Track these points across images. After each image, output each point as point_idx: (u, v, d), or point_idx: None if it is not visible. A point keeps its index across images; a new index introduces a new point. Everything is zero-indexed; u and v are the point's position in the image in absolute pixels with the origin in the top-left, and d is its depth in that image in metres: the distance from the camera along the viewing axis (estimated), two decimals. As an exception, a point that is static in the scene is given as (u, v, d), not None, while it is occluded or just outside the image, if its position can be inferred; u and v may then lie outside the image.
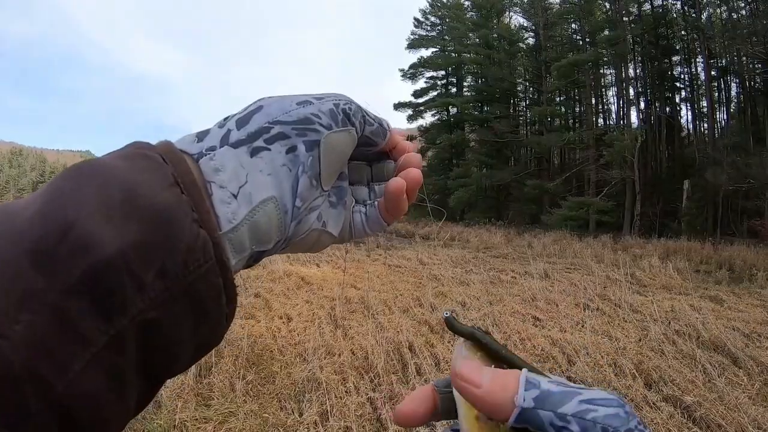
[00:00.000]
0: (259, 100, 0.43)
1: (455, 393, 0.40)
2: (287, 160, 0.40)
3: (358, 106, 0.46)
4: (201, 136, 0.39)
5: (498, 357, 0.41)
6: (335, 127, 0.43)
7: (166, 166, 0.34)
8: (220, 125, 0.40)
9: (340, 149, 0.44)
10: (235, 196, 0.36)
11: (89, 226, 0.28)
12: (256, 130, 0.39)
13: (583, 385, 0.36)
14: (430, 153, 44.52)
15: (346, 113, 0.44)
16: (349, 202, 0.52)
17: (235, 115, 0.41)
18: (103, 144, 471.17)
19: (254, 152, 0.39)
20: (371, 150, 0.52)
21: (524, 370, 0.37)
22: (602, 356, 5.65)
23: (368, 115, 0.48)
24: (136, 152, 0.34)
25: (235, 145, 0.38)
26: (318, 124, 0.42)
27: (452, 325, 0.44)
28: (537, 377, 0.36)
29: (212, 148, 0.37)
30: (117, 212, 0.29)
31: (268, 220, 0.39)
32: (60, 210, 0.28)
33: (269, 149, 0.39)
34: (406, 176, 0.51)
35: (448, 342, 6.26)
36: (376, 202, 0.53)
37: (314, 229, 0.46)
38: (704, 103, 29.04)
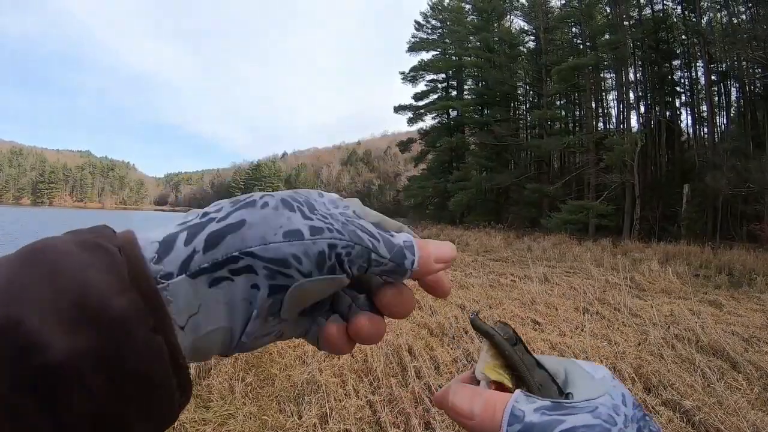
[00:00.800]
0: (246, 206, 0.38)
1: (481, 389, 0.41)
2: (249, 295, 0.37)
3: (365, 249, 0.39)
4: (162, 251, 0.35)
5: (508, 364, 0.42)
6: (316, 274, 0.38)
7: (123, 265, 0.32)
8: (187, 238, 0.35)
9: (313, 295, 0.39)
10: (183, 328, 0.34)
11: (37, 326, 0.27)
12: (223, 259, 0.35)
13: (577, 399, 0.37)
14: (430, 156, 44.65)
15: (340, 259, 0.38)
16: (318, 323, 0.45)
17: (210, 221, 0.37)
18: (103, 143, 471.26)
19: (214, 282, 0.35)
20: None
21: (513, 396, 0.37)
22: (601, 360, 5.66)
23: (379, 254, 0.40)
24: (96, 242, 0.33)
25: (195, 274, 0.34)
26: (295, 270, 0.37)
27: (475, 324, 0.44)
28: (525, 404, 0.36)
29: (168, 276, 0.34)
30: (67, 315, 0.28)
31: (210, 347, 0.37)
32: (7, 306, 0.28)
33: (232, 280, 0.36)
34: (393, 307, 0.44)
35: (448, 345, 6.27)
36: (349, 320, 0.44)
37: (267, 341, 0.42)
38: (704, 108, 29.05)
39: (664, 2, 29.67)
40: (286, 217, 0.37)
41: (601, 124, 33.82)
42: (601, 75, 32.73)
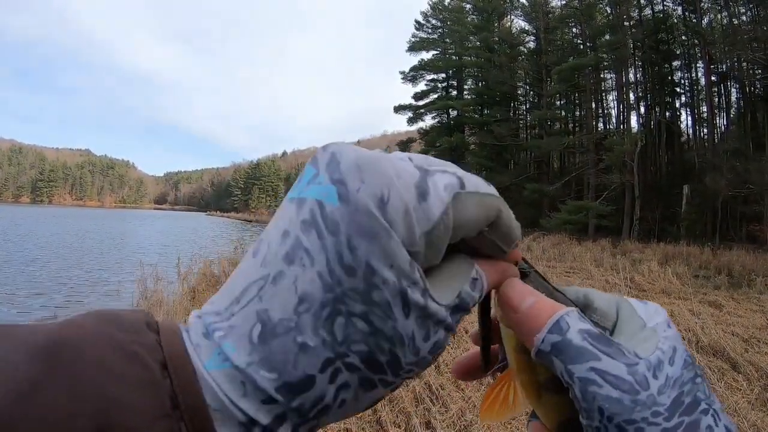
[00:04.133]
0: None
1: (500, 324, 0.41)
2: None
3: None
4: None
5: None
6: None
7: (164, 384, 0.26)
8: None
9: None
10: None
11: None
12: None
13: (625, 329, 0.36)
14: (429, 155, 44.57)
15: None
16: None
17: None
18: (102, 142, 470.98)
19: None
20: None
21: (568, 308, 0.35)
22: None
23: None
24: (135, 351, 0.27)
25: None
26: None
27: None
28: (573, 321, 0.34)
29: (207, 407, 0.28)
30: None
31: None
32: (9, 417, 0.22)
33: None
34: None
35: (448, 345, 6.26)
36: None
37: None
38: (704, 108, 29.10)
39: (665, 3, 29.69)
40: (368, 399, 0.32)
41: (601, 125, 33.87)
42: (602, 75, 32.76)
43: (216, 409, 0.27)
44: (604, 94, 33.96)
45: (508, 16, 40.65)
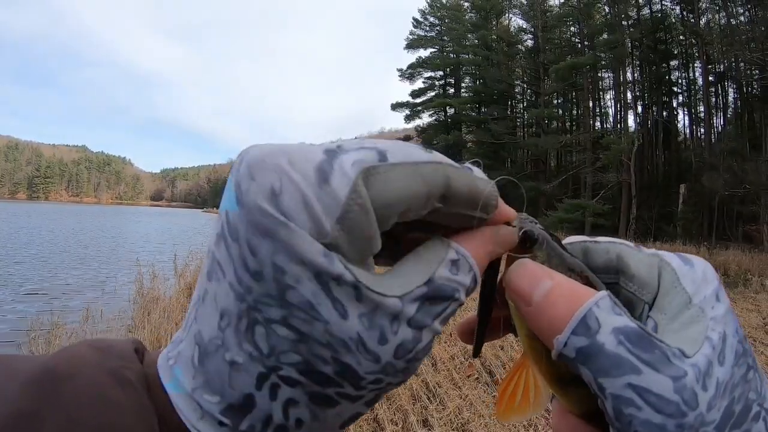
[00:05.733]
0: None
1: (510, 306, 0.34)
2: None
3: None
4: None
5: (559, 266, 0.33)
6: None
7: (151, 408, 0.27)
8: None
9: None
10: None
11: None
12: None
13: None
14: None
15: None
16: None
17: None
18: (99, 138, 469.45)
19: None
20: None
21: (597, 295, 0.28)
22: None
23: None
24: (126, 377, 0.27)
25: None
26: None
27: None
28: (604, 315, 0.28)
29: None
30: None
31: None
32: None
33: None
34: None
35: (445, 342, 6.27)
36: None
37: None
38: (701, 108, 29.17)
39: (663, 2, 29.71)
40: (334, 415, 0.29)
41: (598, 124, 33.99)
42: (599, 74, 32.81)
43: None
44: (601, 93, 34.08)
45: (506, 15, 40.68)
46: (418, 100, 44.18)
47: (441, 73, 44.24)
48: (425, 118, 44.73)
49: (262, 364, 0.26)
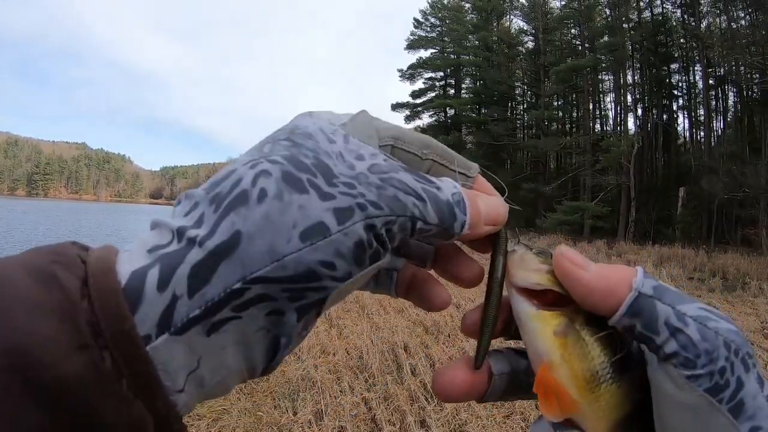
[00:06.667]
0: (235, 207, 0.27)
1: (521, 309, 0.35)
2: (267, 323, 0.28)
3: (408, 219, 0.31)
4: (129, 302, 0.24)
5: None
6: (357, 272, 0.29)
7: (82, 309, 0.23)
8: (160, 280, 0.25)
9: (354, 288, 0.31)
10: (182, 391, 0.26)
11: None
12: (221, 299, 0.26)
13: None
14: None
15: (382, 241, 0.30)
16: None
17: (190, 246, 0.26)
18: (98, 135, 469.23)
19: (214, 329, 0.26)
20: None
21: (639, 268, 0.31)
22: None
23: (426, 221, 0.32)
24: (51, 272, 0.24)
25: (183, 329, 0.25)
26: (328, 278, 0.28)
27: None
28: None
29: (145, 339, 0.24)
30: (2, 383, 0.20)
31: (225, 389, 0.29)
32: None
33: (239, 318, 0.27)
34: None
35: (443, 343, 6.26)
36: (395, 276, 0.41)
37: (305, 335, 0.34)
38: (701, 111, 29.14)
39: (664, 5, 29.69)
40: (297, 207, 0.27)
41: (598, 126, 33.95)
42: (599, 77, 32.79)
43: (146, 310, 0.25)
44: (601, 95, 34.00)
45: (507, 16, 40.64)
46: (419, 101, 44.16)
47: (441, 73, 44.21)
48: (425, 119, 44.72)
49: (257, 156, 0.30)
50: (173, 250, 0.26)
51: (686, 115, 30.93)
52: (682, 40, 29.65)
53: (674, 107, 31.35)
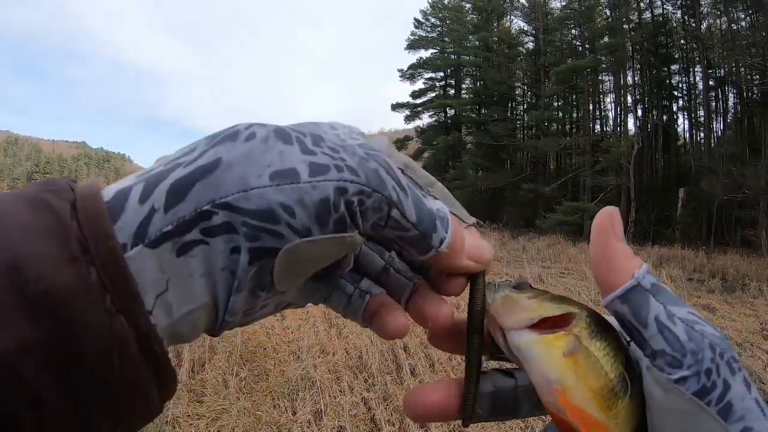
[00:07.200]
0: (225, 140, 0.29)
1: (519, 341, 0.33)
2: (230, 262, 0.28)
3: (386, 199, 0.30)
4: (110, 214, 0.26)
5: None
6: (317, 232, 0.28)
7: (71, 228, 0.24)
8: (143, 193, 0.26)
9: (316, 260, 0.30)
10: (150, 311, 0.26)
11: None
12: (192, 217, 0.26)
13: None
14: (426, 154, 44.57)
15: (351, 210, 0.29)
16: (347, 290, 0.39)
17: (176, 167, 0.27)
18: (98, 135, 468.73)
19: (184, 249, 0.27)
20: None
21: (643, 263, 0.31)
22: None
23: (403, 213, 0.31)
24: (41, 198, 0.25)
25: (157, 242, 0.26)
26: (286, 225, 0.27)
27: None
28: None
29: (123, 247, 0.25)
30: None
31: (191, 330, 0.29)
32: None
33: (207, 244, 0.27)
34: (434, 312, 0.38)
35: (443, 344, 6.26)
36: (367, 299, 0.38)
37: (265, 314, 0.34)
38: (701, 113, 29.12)
39: (664, 7, 29.68)
40: (277, 152, 0.28)
41: (598, 127, 33.89)
42: (600, 77, 32.77)
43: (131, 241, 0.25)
44: (601, 96, 33.95)
45: (508, 17, 40.59)
46: (419, 101, 44.06)
47: (442, 74, 44.17)
48: (425, 119, 44.66)
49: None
50: (161, 170, 0.28)
51: (686, 116, 30.90)
52: (682, 41, 29.63)
53: (674, 108, 31.32)
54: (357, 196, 0.28)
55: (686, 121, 30.97)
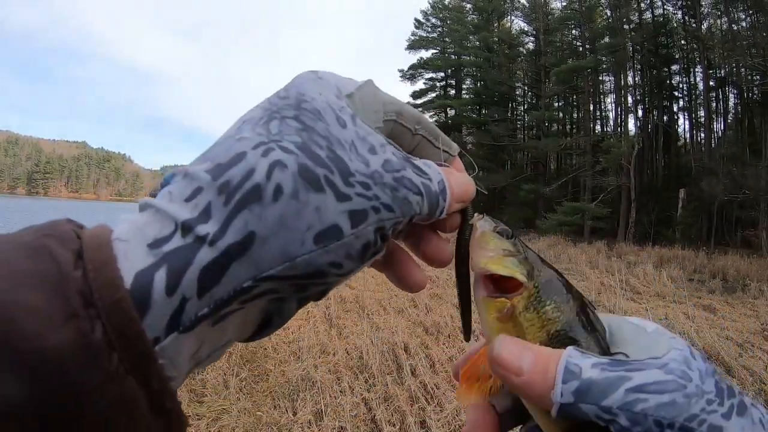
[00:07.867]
0: (249, 204, 0.27)
1: (475, 293, 0.38)
2: (268, 305, 0.29)
3: (411, 215, 0.33)
4: (140, 303, 0.24)
5: (515, 256, 0.38)
6: (359, 267, 0.31)
7: (72, 279, 0.22)
8: (168, 284, 0.24)
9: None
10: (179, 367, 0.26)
11: None
12: (230, 297, 0.26)
13: (638, 357, 0.32)
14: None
15: (385, 235, 0.31)
16: None
17: (198, 244, 0.26)
18: (99, 134, 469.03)
19: (219, 320, 0.27)
20: None
21: (567, 351, 0.32)
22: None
23: (421, 213, 0.34)
24: (42, 244, 0.23)
25: (191, 327, 0.25)
26: (334, 275, 0.29)
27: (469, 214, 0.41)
28: (581, 359, 0.31)
29: (155, 341, 0.24)
30: None
31: (216, 359, 0.30)
32: None
33: (244, 309, 0.27)
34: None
35: (443, 344, 6.26)
36: None
37: None
38: (702, 113, 29.13)
39: (665, 7, 29.67)
40: (313, 209, 0.27)
41: (598, 127, 33.96)
42: (600, 78, 32.79)
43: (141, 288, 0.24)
44: (602, 96, 34.00)
45: (508, 17, 40.62)
46: (419, 101, 44.07)
47: (442, 74, 44.19)
48: (425, 119, 44.66)
49: (267, 138, 0.29)
50: (179, 247, 0.25)
51: (687, 117, 30.94)
52: (682, 42, 29.64)
53: (675, 108, 31.36)
54: (392, 228, 0.31)
55: (687, 122, 31.03)
